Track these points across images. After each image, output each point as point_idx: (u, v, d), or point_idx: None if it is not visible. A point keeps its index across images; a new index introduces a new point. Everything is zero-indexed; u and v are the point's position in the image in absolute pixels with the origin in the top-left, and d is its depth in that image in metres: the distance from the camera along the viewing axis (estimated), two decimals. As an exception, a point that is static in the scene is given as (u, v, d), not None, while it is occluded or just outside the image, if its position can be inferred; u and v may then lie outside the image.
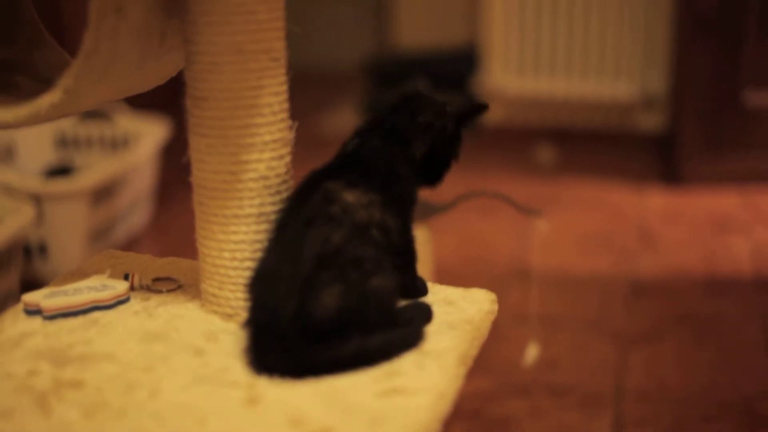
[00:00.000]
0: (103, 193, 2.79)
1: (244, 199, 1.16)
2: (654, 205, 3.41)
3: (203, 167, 1.16)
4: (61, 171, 3.04)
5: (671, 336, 2.48)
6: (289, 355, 1.06)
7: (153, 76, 1.22)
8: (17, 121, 1.11)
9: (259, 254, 1.16)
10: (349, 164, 1.19)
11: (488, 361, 2.34)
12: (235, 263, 1.17)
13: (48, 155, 3.17)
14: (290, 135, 1.19)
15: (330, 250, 1.09)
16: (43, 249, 2.71)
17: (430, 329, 1.14)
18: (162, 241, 3.08)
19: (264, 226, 1.17)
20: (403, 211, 1.19)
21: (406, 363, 1.08)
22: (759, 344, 2.42)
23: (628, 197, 3.48)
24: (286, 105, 1.18)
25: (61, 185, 2.70)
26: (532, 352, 2.29)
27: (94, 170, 2.79)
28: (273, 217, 1.17)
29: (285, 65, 1.17)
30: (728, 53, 3.42)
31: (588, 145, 3.99)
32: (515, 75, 4.00)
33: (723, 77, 3.45)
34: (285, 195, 1.18)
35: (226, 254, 1.17)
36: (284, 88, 1.17)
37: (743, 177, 3.50)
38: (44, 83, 1.22)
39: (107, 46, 1.05)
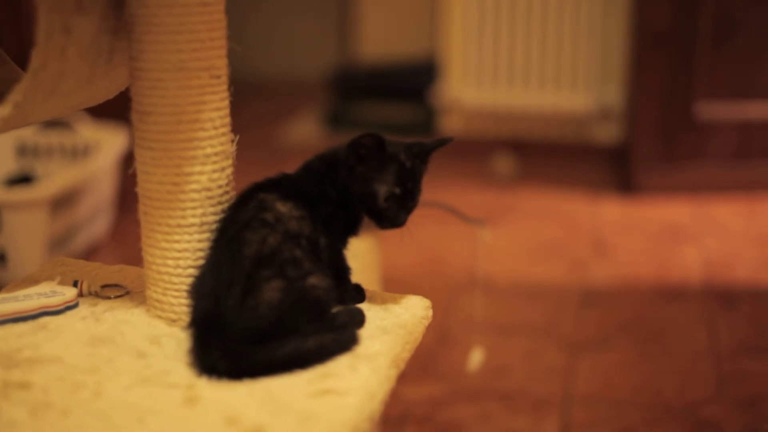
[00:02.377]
0: (63, 202, 2.81)
1: (186, 210, 1.21)
2: (608, 214, 3.47)
3: (148, 178, 1.21)
4: (21, 180, 3.06)
5: (620, 343, 2.54)
6: (229, 355, 1.11)
7: (101, 92, 1.27)
8: (-32, 133, 1.15)
9: (201, 261, 1.21)
10: (285, 181, 1.25)
11: (439, 368, 2.39)
12: (179, 270, 1.22)
13: (8, 164, 3.19)
14: (232, 148, 1.24)
15: (267, 249, 1.15)
16: (2, 257, 2.73)
17: (364, 333, 1.19)
18: (121, 249, 3.11)
19: (206, 235, 1.22)
20: (331, 231, 1.24)
21: (339, 365, 1.13)
22: (704, 351, 2.48)
23: (584, 207, 3.54)
24: (227, 119, 1.23)
25: (21, 194, 2.72)
26: (476, 358, 2.34)
27: (54, 179, 2.81)
28: (214, 225, 1.22)
29: (226, 82, 1.22)
30: (681, 67, 3.50)
31: (545, 156, 4.04)
32: (474, 87, 4.05)
33: (676, 90, 3.52)
34: (226, 205, 1.24)
35: (170, 262, 1.22)
36: (226, 103, 1.22)
37: (696, 187, 3.57)
38: (-2, 97, 1.26)
39: (55, 63, 1.10)
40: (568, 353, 2.47)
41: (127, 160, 3.17)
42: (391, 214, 1.25)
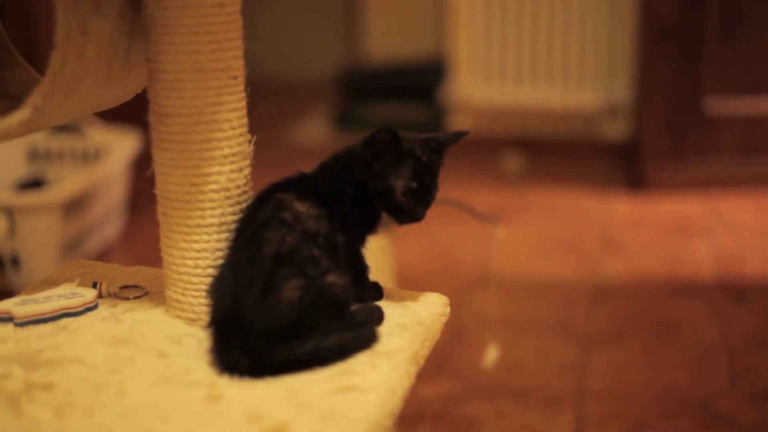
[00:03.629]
0: (75, 206, 2.82)
1: (205, 210, 1.22)
2: (618, 210, 3.48)
3: (167, 180, 1.22)
4: (33, 184, 3.07)
5: (632, 338, 2.54)
6: (249, 354, 1.12)
7: (118, 94, 1.28)
8: (-12, 137, 1.16)
9: (220, 260, 1.22)
10: (302, 181, 1.26)
11: (453, 365, 2.39)
12: (198, 270, 1.23)
13: (20, 168, 3.20)
14: (249, 148, 1.25)
15: (286, 248, 1.16)
16: (15, 261, 2.74)
17: (383, 331, 1.20)
18: (133, 252, 3.12)
19: (225, 236, 1.23)
20: (348, 230, 1.25)
21: (359, 362, 1.13)
22: (716, 345, 2.48)
23: (593, 204, 3.54)
24: (245, 120, 1.24)
25: (33, 198, 2.73)
26: (492, 354, 2.35)
27: (66, 183, 2.82)
28: (233, 225, 1.23)
29: (243, 82, 1.22)
30: (689, 62, 3.50)
31: (554, 153, 4.05)
32: (482, 85, 4.06)
33: (684, 85, 3.52)
34: (244, 205, 1.24)
35: (189, 262, 1.23)
36: (243, 104, 1.23)
37: (705, 182, 3.57)
38: (14, 100, 1.27)
39: (74, 65, 1.11)
40: (580, 348, 2.48)
41: (139, 163, 3.21)
42: (409, 209, 1.25)
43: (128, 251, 3.13)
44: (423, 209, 1.27)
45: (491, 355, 2.35)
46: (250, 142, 1.25)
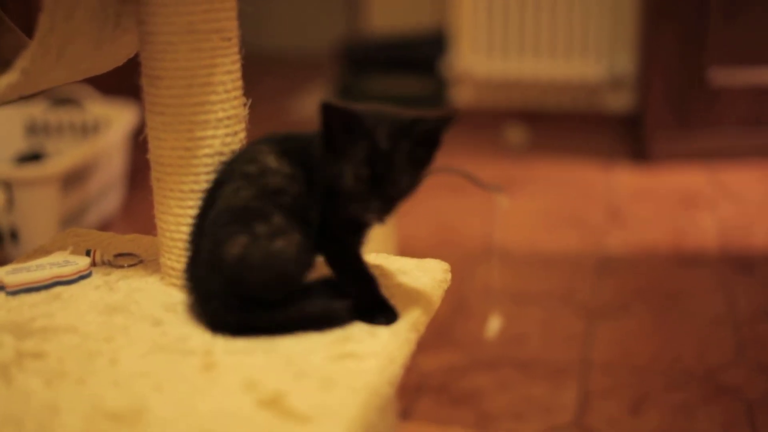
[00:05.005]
0: (74, 179, 2.81)
1: (200, 175, 1.19)
2: (622, 183, 3.46)
3: (160, 144, 1.20)
4: (32, 157, 3.06)
5: (637, 309, 2.52)
6: (207, 310, 1.12)
7: (109, 58, 1.25)
8: (-23, 101, 1.14)
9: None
10: (293, 138, 1.18)
11: (457, 337, 2.37)
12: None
13: (18, 142, 3.19)
14: (244, 112, 1.22)
15: (239, 202, 1.11)
16: (14, 234, 2.73)
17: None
18: (133, 225, 3.10)
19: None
20: (330, 211, 1.14)
21: (358, 329, 1.11)
22: (722, 317, 2.47)
23: (597, 176, 3.52)
24: (239, 83, 1.21)
25: (32, 171, 2.71)
26: (494, 325, 2.33)
27: (65, 156, 2.80)
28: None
29: (237, 45, 1.19)
30: (693, 33, 3.47)
31: (557, 125, 4.03)
32: (484, 57, 4.03)
33: (689, 56, 3.49)
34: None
35: (184, 228, 1.20)
36: (237, 66, 1.20)
37: (709, 154, 3.55)
38: (3, 65, 1.24)
39: (63, 27, 1.08)
40: (585, 320, 2.46)
41: (137, 136, 3.18)
42: (360, 200, 1.09)
43: (128, 224, 3.12)
44: (379, 204, 1.10)
45: (494, 325, 2.33)
46: (244, 105, 1.22)
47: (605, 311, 2.52)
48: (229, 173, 1.14)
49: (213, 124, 1.18)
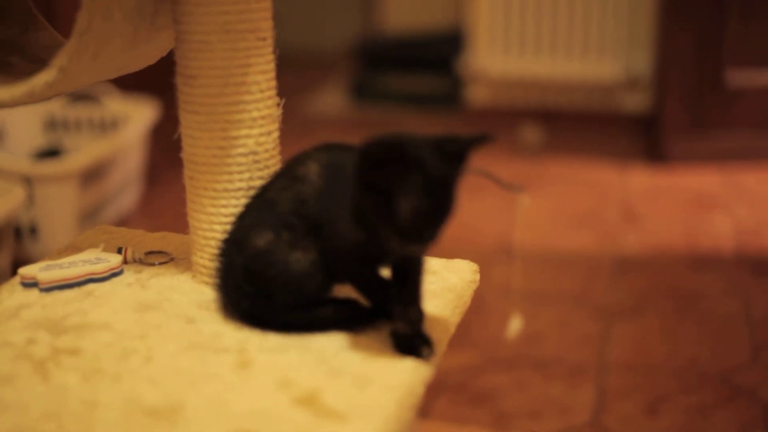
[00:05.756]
0: (92, 175, 2.82)
1: (233, 174, 1.20)
2: (638, 183, 3.46)
3: (194, 143, 1.20)
4: (50, 153, 3.07)
5: (654, 310, 2.53)
6: (230, 287, 1.14)
7: (144, 56, 1.26)
8: (13, 99, 1.14)
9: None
10: (340, 152, 1.13)
11: (474, 336, 2.38)
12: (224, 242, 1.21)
13: (37, 138, 3.20)
14: (277, 112, 1.23)
15: (278, 200, 1.12)
16: (33, 230, 2.74)
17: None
18: (151, 221, 3.12)
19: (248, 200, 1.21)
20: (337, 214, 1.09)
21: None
22: (739, 318, 2.47)
23: (613, 176, 3.53)
24: (273, 83, 1.22)
25: (51, 167, 2.72)
26: (515, 324, 2.34)
27: (84, 152, 2.82)
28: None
29: (272, 44, 1.20)
30: (710, 34, 3.47)
31: (573, 124, 4.02)
32: (500, 56, 4.03)
33: (705, 57, 3.49)
34: (273, 169, 1.22)
35: (217, 227, 1.21)
36: (271, 66, 1.21)
37: (725, 155, 3.55)
38: (38, 63, 1.25)
39: (100, 25, 1.09)
40: (601, 321, 2.47)
41: (156, 133, 3.20)
42: (416, 234, 1.01)
43: (145, 221, 3.13)
44: (434, 232, 1.02)
45: (515, 325, 2.34)
46: (278, 105, 1.23)
47: (621, 312, 2.53)
48: (287, 169, 1.15)
49: (247, 124, 1.18)
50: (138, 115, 3.11)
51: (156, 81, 1.31)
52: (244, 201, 1.20)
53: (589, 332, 2.42)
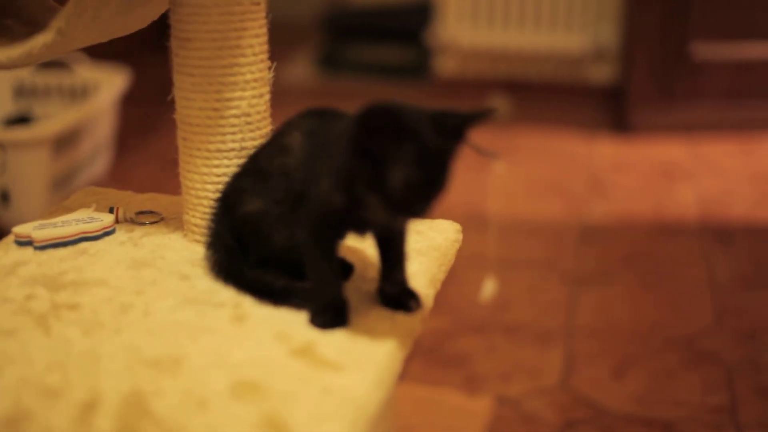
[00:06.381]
0: (64, 142, 2.82)
1: (226, 135, 1.23)
2: (604, 153, 3.51)
3: (188, 104, 1.23)
4: (20, 120, 3.06)
5: (619, 277, 2.58)
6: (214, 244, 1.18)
7: (137, 20, 1.28)
8: (10, 61, 1.17)
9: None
10: (323, 118, 1.14)
11: (445, 301, 2.42)
12: (218, 195, 1.24)
13: (7, 105, 3.19)
14: (269, 75, 1.26)
15: (270, 169, 1.14)
16: (5, 196, 2.74)
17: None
18: (122, 188, 3.11)
19: (245, 160, 1.24)
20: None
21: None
22: (702, 285, 2.53)
23: (580, 146, 3.57)
24: (266, 47, 1.25)
25: (23, 133, 2.73)
26: (489, 288, 2.38)
27: (56, 119, 2.82)
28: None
29: (265, 9, 1.23)
30: (677, 6, 3.51)
31: (541, 95, 4.06)
32: (469, 27, 4.05)
33: (672, 30, 3.53)
34: (264, 131, 1.26)
35: (209, 186, 1.24)
36: (264, 30, 1.24)
37: (690, 126, 3.60)
38: (32, 26, 1.27)
39: (98, -12, 1.11)
40: (569, 287, 2.52)
41: (127, 100, 3.20)
42: (408, 206, 1.01)
43: (116, 188, 3.13)
44: (425, 205, 1.02)
45: (489, 288, 2.38)
46: (269, 68, 1.26)
47: (588, 278, 2.58)
48: (276, 136, 1.17)
49: (241, 86, 1.21)
50: (108, 83, 3.10)
51: (126, 49, 1.33)
52: (237, 161, 1.23)
53: (557, 298, 2.46)
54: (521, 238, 2.82)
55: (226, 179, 1.22)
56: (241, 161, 1.22)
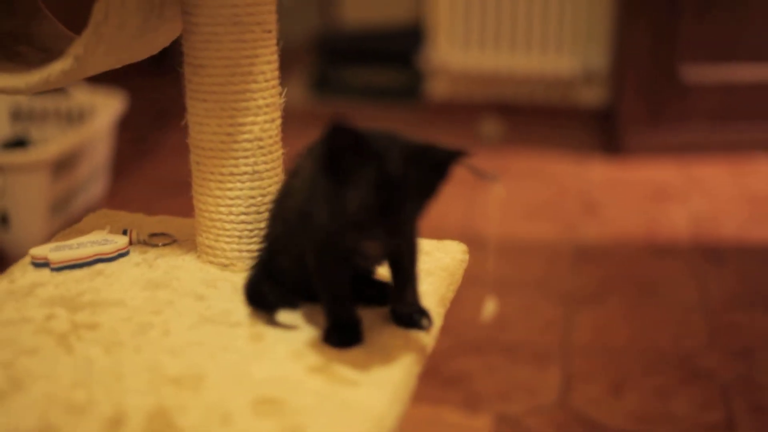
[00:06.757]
0: (63, 165, 2.84)
1: (239, 159, 1.26)
2: (596, 175, 3.54)
3: (201, 129, 1.26)
4: (17, 144, 3.08)
5: (614, 297, 2.62)
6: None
7: (149, 46, 1.31)
8: (29, 87, 1.19)
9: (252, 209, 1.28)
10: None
11: (445, 322, 2.44)
12: (231, 217, 1.27)
13: (4, 128, 3.21)
14: (281, 100, 1.29)
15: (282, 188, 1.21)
16: (5, 219, 2.76)
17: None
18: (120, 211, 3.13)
19: (257, 184, 1.27)
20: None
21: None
22: (695, 305, 2.56)
23: (571, 168, 3.60)
24: (277, 73, 1.28)
25: (22, 157, 2.75)
26: (490, 307, 2.40)
27: (55, 142, 2.84)
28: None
29: (276, 36, 1.26)
30: (665, 29, 3.55)
31: (532, 118, 4.09)
32: (460, 50, 4.08)
33: (661, 52, 3.58)
34: (276, 155, 1.29)
35: (223, 209, 1.27)
36: (275, 57, 1.27)
37: (680, 148, 3.64)
38: (46, 52, 1.30)
39: (115, 17, 1.14)
40: (564, 307, 2.55)
41: (123, 124, 3.22)
42: (361, 229, 1.02)
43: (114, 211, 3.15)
44: (381, 233, 1.02)
45: (490, 308, 2.40)
46: (281, 94, 1.29)
47: (583, 298, 2.61)
48: (302, 158, 1.18)
49: (253, 111, 1.24)
50: (105, 107, 3.12)
51: (123, 73, 1.35)
52: (250, 185, 1.27)
53: (553, 318, 2.49)
54: (515, 259, 2.85)
55: (239, 202, 1.25)
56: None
